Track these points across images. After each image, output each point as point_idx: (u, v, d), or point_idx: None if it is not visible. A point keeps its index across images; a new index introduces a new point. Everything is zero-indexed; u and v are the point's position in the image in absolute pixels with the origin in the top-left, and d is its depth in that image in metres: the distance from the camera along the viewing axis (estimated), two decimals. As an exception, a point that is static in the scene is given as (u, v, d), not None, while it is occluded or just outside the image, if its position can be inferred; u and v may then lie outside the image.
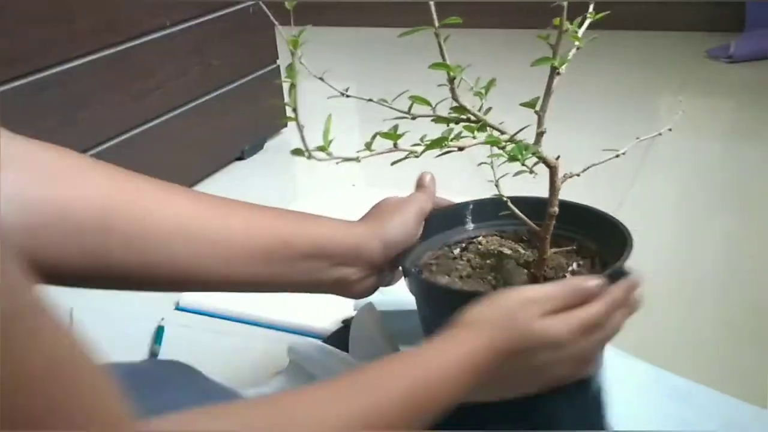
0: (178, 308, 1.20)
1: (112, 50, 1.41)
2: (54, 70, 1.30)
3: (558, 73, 0.72)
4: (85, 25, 1.35)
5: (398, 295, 0.86)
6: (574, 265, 0.82)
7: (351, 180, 1.60)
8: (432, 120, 0.74)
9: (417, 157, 0.71)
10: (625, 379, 0.90)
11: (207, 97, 1.66)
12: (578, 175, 0.76)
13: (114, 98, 1.42)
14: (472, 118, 0.72)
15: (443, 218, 0.87)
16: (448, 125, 0.74)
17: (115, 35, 1.42)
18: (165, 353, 1.10)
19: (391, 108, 0.74)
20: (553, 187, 0.77)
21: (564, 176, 0.76)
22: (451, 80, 0.71)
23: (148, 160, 1.52)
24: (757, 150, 1.68)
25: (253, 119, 1.80)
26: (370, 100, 0.77)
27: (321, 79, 0.78)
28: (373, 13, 2.86)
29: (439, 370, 0.58)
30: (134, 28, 1.46)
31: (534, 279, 0.80)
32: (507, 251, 0.84)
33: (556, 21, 0.70)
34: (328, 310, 1.11)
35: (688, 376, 0.94)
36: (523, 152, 0.69)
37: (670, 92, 2.02)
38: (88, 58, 1.36)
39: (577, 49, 0.72)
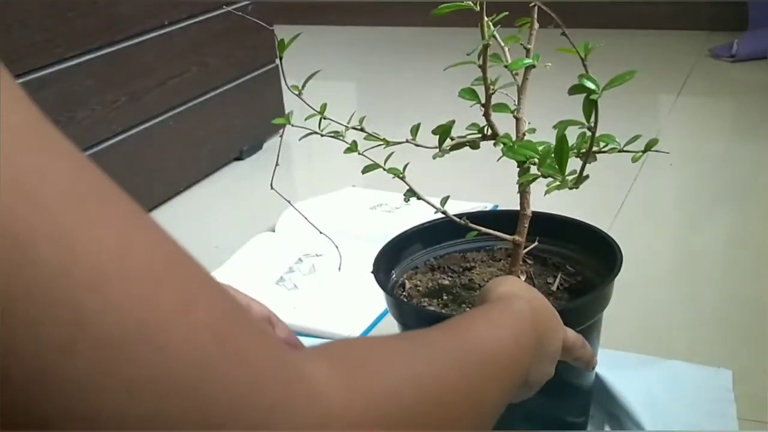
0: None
1: (110, 49, 1.40)
2: (52, 69, 1.29)
3: (533, 66, 0.71)
4: (83, 23, 1.34)
5: None
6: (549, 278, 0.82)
7: (350, 180, 1.59)
8: (451, 149, 0.73)
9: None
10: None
11: (205, 97, 1.65)
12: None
13: (112, 97, 1.41)
14: (488, 134, 0.71)
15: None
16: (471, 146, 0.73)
17: (113, 34, 1.41)
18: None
19: (418, 145, 0.76)
20: (526, 189, 0.75)
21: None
22: (488, 98, 0.70)
23: (146, 161, 1.51)
24: (759, 148, 1.66)
25: (251, 119, 1.79)
26: (398, 142, 0.76)
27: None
28: (374, 13, 2.85)
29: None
30: (132, 28, 1.45)
31: None
32: (445, 282, 0.84)
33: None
34: (336, 314, 1.10)
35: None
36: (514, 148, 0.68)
37: (673, 91, 2.01)
38: (85, 57, 1.35)
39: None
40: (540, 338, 0.60)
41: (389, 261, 0.88)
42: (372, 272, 0.83)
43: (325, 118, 0.78)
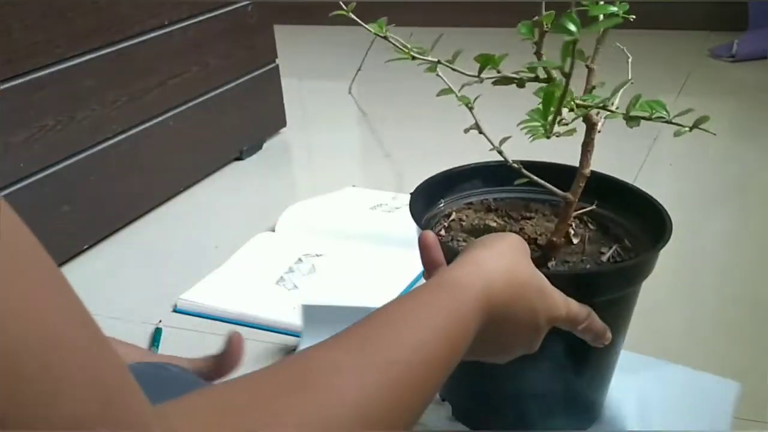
0: (176, 310, 1.19)
1: (110, 49, 1.40)
2: (52, 69, 1.29)
3: (617, 16, 0.67)
4: (84, 23, 1.34)
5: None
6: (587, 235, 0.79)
7: (350, 180, 1.59)
8: (494, 82, 0.70)
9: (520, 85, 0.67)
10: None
11: (205, 97, 1.65)
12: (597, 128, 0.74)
13: (112, 97, 1.41)
14: (542, 76, 0.67)
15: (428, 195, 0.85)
16: (517, 84, 0.69)
17: (113, 34, 1.41)
18: (162, 355, 1.09)
19: (457, 71, 0.70)
20: (588, 147, 0.72)
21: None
22: (542, 34, 0.66)
23: (146, 161, 1.51)
24: (758, 149, 1.67)
25: (251, 119, 1.79)
26: (439, 62, 0.73)
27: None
28: (374, 13, 2.85)
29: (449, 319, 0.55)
30: (132, 27, 1.45)
31: (551, 246, 0.76)
32: (492, 224, 0.82)
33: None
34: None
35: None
36: (554, 98, 0.64)
37: (672, 91, 2.01)
38: (86, 57, 1.35)
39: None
40: (491, 312, 0.58)
41: (438, 190, 0.85)
42: (410, 195, 0.80)
43: (414, 57, 0.74)
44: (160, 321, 1.15)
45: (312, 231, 1.38)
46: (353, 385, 0.44)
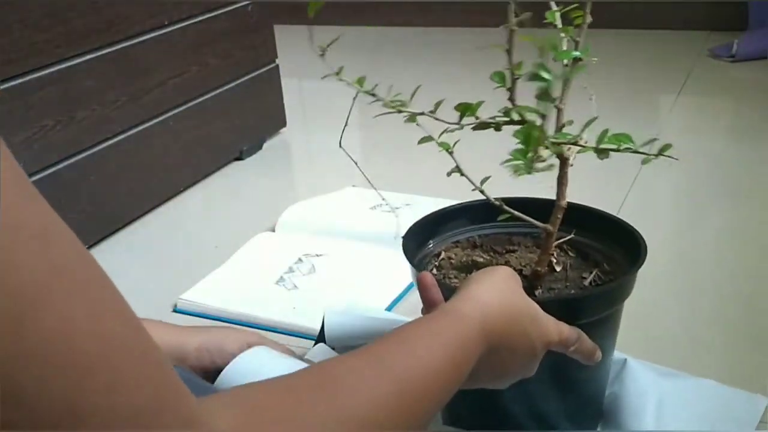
0: (176, 310, 1.19)
1: (110, 49, 1.40)
2: (52, 69, 1.29)
3: (581, 59, 0.72)
4: (83, 24, 1.34)
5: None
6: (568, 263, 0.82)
7: (350, 180, 1.59)
8: (473, 128, 0.74)
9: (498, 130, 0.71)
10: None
11: (205, 97, 1.65)
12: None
13: (112, 97, 1.41)
14: (516, 118, 0.71)
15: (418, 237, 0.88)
16: (495, 128, 0.74)
17: (113, 34, 1.41)
18: (162, 355, 1.09)
19: (439, 120, 0.75)
20: (563, 180, 0.76)
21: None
22: (513, 83, 0.70)
23: (146, 161, 1.51)
24: (758, 148, 1.66)
25: (251, 119, 1.79)
26: (422, 113, 0.76)
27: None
28: (374, 13, 2.85)
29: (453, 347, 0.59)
30: (132, 27, 1.45)
31: (536, 276, 0.80)
32: (479, 259, 0.85)
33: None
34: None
35: (687, 372, 0.94)
36: (533, 137, 0.68)
37: (672, 91, 2.01)
38: (86, 57, 1.35)
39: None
40: (491, 341, 0.63)
41: (427, 231, 0.89)
42: (402, 237, 0.84)
43: (400, 111, 0.77)
44: (160, 321, 1.15)
45: (312, 231, 1.38)
46: (365, 392, 0.49)
